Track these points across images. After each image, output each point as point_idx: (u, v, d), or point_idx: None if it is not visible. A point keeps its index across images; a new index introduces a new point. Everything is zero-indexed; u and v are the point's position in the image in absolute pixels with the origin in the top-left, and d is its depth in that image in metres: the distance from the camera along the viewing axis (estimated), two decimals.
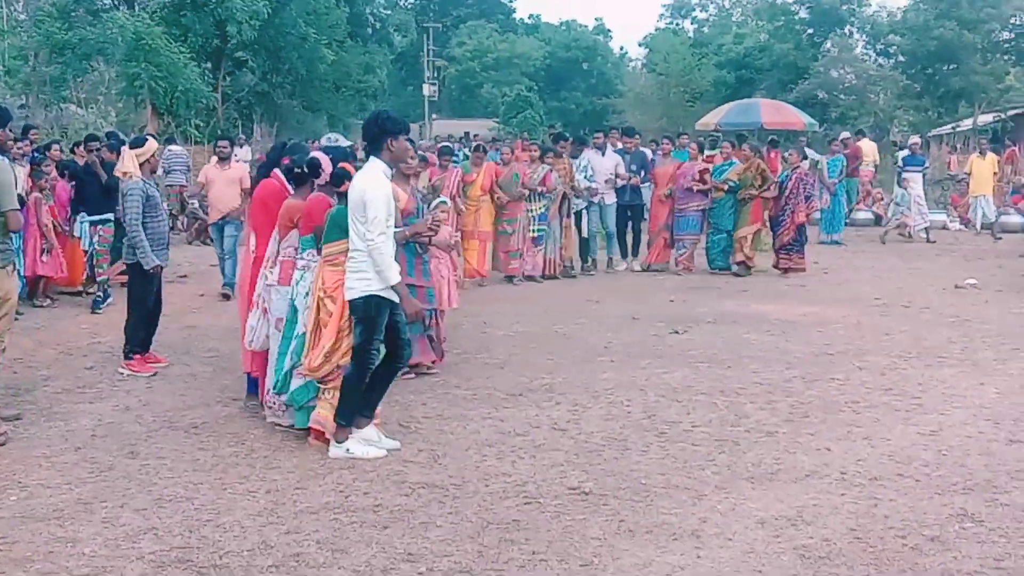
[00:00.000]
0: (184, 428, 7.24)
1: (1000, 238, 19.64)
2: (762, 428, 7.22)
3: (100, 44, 27.80)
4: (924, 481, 6.13)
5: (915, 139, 22.56)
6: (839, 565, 4.92)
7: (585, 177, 15.07)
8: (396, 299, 6.45)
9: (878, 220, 23.06)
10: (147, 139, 9.53)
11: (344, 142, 9.55)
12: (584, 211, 15.33)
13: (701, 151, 16.17)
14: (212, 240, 13.94)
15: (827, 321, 11.28)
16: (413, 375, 8.53)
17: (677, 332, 10.63)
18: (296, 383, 6.86)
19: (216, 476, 6.21)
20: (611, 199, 15.27)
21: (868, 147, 24.04)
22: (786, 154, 16.93)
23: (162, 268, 9.12)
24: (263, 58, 39.19)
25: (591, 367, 9.10)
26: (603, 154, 15.33)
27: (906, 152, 20.82)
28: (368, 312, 6.41)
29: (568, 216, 15.10)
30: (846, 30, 48.74)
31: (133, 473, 6.26)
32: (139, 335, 9.03)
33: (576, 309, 12.09)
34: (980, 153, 21.71)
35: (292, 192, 7.39)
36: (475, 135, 33.68)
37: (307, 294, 6.84)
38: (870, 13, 49.06)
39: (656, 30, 66.98)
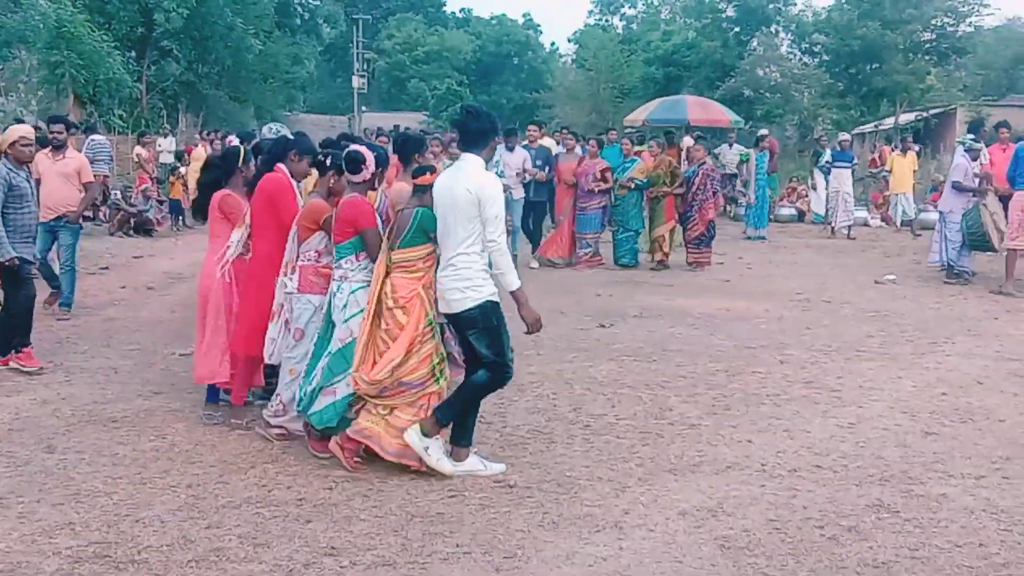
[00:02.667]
0: (103, 422, 7.11)
1: (919, 235, 20.03)
2: (685, 421, 7.31)
3: (21, 31, 27.13)
4: (842, 472, 6.25)
5: (845, 136, 22.94)
6: (758, 555, 5.00)
7: (497, 173, 15.06)
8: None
9: (801, 216, 23.46)
10: (14, 126, 9.15)
11: (287, 131, 9.20)
12: None
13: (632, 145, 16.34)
14: (133, 231, 13.40)
15: (750, 316, 11.44)
16: None
17: (603, 326, 10.70)
18: (325, 401, 6.23)
19: (136, 470, 6.12)
20: (519, 194, 15.29)
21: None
22: (692, 149, 17.09)
23: (23, 262, 8.49)
24: (189, 47, 38.62)
25: (517, 360, 9.01)
26: (512, 150, 15.33)
27: (833, 150, 21.19)
28: (489, 321, 5.92)
29: None
30: (772, 29, 49.27)
31: (51, 468, 6.14)
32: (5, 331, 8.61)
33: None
34: (901, 151, 22.13)
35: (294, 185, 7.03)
36: (405, 128, 33.51)
37: (344, 307, 6.23)
38: (795, 12, 49.66)
39: (585, 26, 67.42)
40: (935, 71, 42.91)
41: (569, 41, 70.46)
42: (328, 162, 6.74)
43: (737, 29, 49.31)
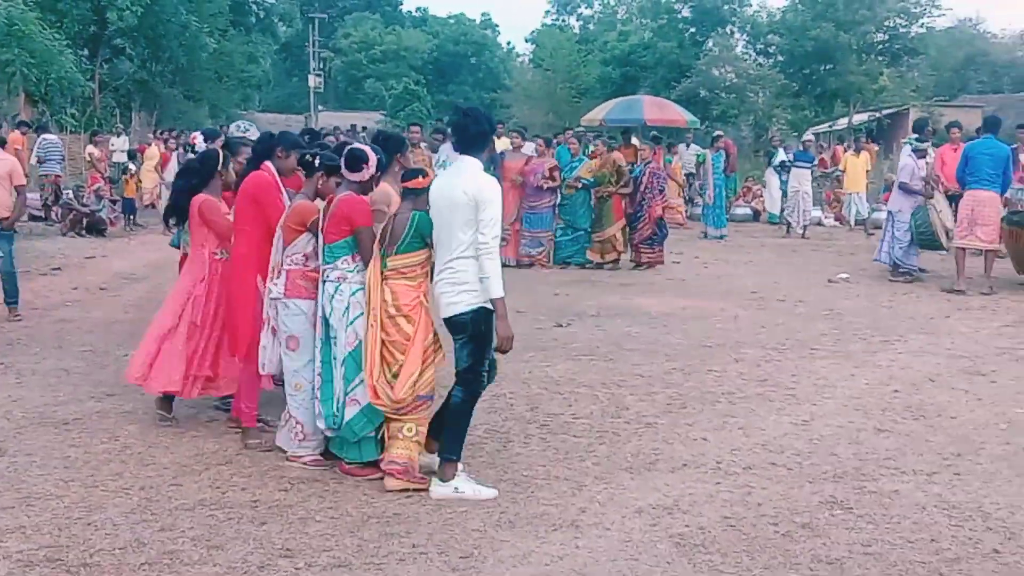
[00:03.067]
0: (55, 424, 7.02)
1: (872, 234, 20.19)
2: (641, 419, 7.34)
3: None
4: (796, 470, 6.31)
5: (808, 136, 23.18)
6: (713, 552, 5.03)
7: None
8: None
9: (757, 216, 23.64)
10: None
11: (255, 129, 9.03)
12: None
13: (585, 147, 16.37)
14: (85, 231, 13.20)
15: (706, 314, 11.51)
16: None
17: (561, 325, 10.72)
18: (351, 412, 5.97)
19: (88, 473, 6.05)
20: None
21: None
22: (639, 148, 17.17)
23: None
24: (142, 46, 38.31)
25: None
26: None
27: (795, 150, 21.40)
28: (479, 328, 5.72)
29: None
30: (727, 29, 49.60)
31: (1, 471, 6.05)
32: None
33: None
34: (854, 151, 22.35)
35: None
36: (363, 127, 33.42)
37: (346, 310, 6.00)
38: (750, 13, 50.04)
39: (543, 26, 67.37)
40: (888, 72, 43.39)
41: (526, 41, 70.52)
42: (317, 162, 6.42)
43: (693, 30, 49.55)
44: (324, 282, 6.11)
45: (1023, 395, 8.10)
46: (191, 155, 9.59)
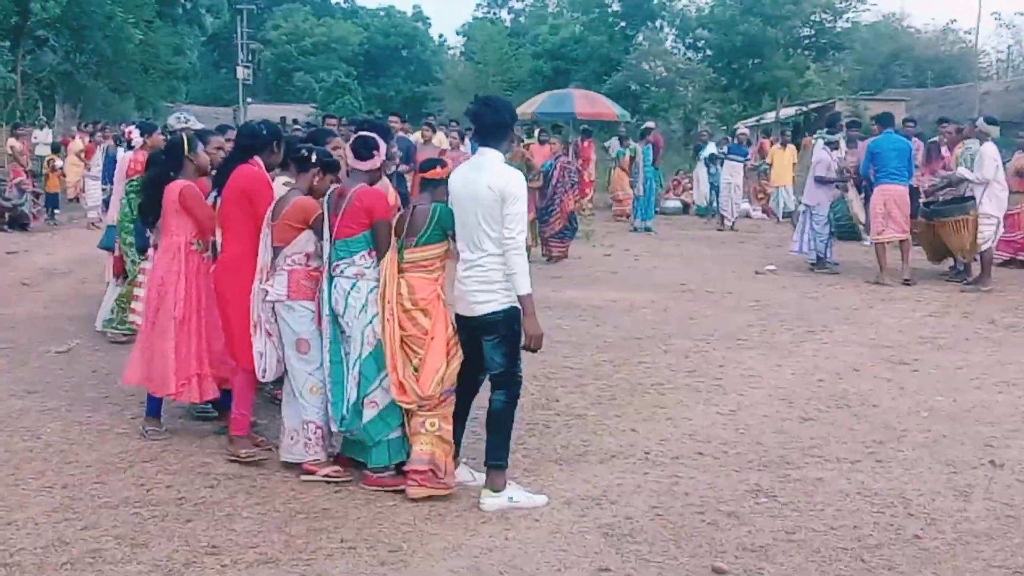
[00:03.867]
0: None
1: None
2: (571, 411, 7.37)
3: None
4: (722, 459, 6.38)
5: (743, 130, 23.43)
6: (640, 542, 5.08)
7: None
8: None
9: (686, 208, 23.88)
10: None
11: (197, 123, 8.79)
12: None
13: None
14: (7, 226, 13.00)
15: (636, 306, 11.59)
16: None
17: None
18: (369, 414, 5.70)
19: (8, 472, 5.92)
20: None
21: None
22: (549, 142, 17.22)
23: None
24: (66, 37, 37.53)
25: None
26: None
27: (730, 143, 21.65)
28: (510, 328, 5.51)
29: None
30: (657, 23, 50.04)
31: None
32: None
33: None
34: (781, 145, 22.65)
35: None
36: (293, 120, 33.07)
37: (363, 308, 5.70)
38: (680, 7, 50.54)
39: (474, 19, 67.30)
40: (814, 66, 44.07)
41: (457, 34, 70.33)
42: (313, 157, 6.08)
43: (623, 24, 49.92)
44: (335, 278, 5.76)
45: (944, 384, 8.26)
46: (125, 151, 9.40)
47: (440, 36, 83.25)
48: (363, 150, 5.84)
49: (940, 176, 14.21)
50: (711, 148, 22.45)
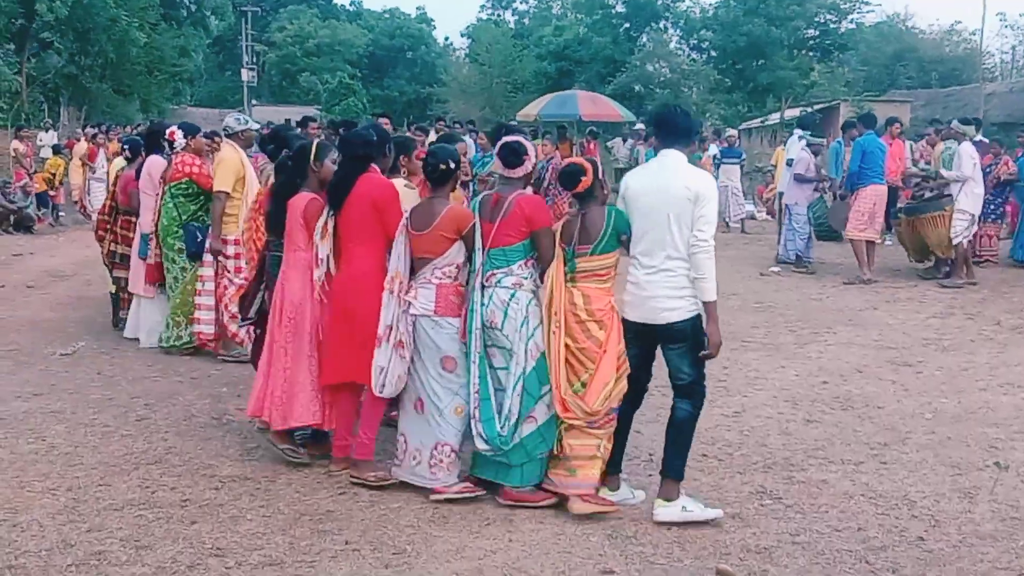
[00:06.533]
0: None
1: None
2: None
3: None
4: (727, 460, 6.39)
5: (732, 132, 23.36)
6: (645, 544, 5.08)
7: None
8: None
9: None
10: None
11: (255, 124, 8.54)
12: None
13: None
14: (12, 228, 12.99)
15: None
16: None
17: None
18: (527, 429, 5.48)
19: (13, 474, 5.93)
20: None
21: None
22: (543, 145, 17.22)
23: None
24: (71, 40, 37.54)
25: None
26: None
27: (720, 146, 21.60)
28: (698, 336, 5.36)
29: None
30: (661, 25, 50.07)
31: None
32: None
33: None
34: (784, 146, 22.60)
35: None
36: (296, 122, 33.09)
37: (525, 321, 5.47)
38: (684, 8, 50.57)
39: (478, 20, 67.42)
40: (819, 67, 44.05)
41: (462, 35, 70.46)
42: (451, 166, 5.81)
43: (627, 25, 49.94)
44: (489, 288, 5.54)
45: (949, 385, 8.26)
46: (171, 153, 9.05)
47: (444, 38, 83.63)
48: (513, 157, 5.65)
49: (915, 171, 15.36)
50: (714, 150, 22.43)
